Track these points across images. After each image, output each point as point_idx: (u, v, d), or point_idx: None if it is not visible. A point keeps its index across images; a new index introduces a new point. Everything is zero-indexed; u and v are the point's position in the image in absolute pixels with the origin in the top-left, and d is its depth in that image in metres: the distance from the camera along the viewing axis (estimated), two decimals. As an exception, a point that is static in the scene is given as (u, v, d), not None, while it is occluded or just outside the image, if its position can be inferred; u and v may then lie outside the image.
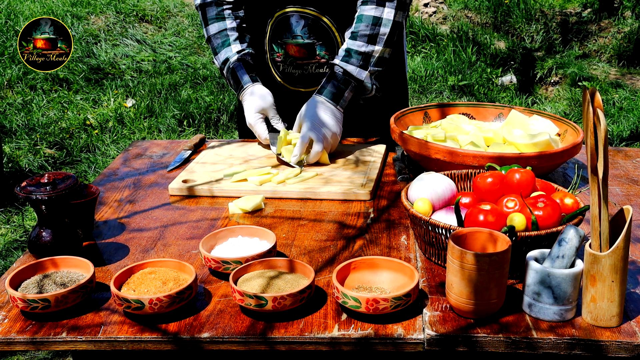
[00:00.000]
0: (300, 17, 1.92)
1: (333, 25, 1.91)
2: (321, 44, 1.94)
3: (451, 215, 1.35)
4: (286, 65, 2.01)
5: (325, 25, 1.90)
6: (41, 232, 1.37)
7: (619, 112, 5.18)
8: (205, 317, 1.20)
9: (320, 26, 1.92)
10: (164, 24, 6.47)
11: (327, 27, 1.90)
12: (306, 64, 1.98)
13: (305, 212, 1.63)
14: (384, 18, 1.85)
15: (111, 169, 1.96)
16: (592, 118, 1.11)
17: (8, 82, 5.35)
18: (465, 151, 1.64)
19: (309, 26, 1.92)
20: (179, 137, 4.85)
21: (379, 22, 1.85)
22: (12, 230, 3.64)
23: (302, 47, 1.96)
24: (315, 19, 1.91)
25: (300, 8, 1.91)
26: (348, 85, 1.88)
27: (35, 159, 4.41)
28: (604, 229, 1.13)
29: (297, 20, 1.93)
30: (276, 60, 2.02)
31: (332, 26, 1.90)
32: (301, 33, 1.94)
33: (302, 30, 1.93)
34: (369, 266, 1.28)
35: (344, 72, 1.88)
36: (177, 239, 1.50)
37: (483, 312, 1.17)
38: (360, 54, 1.87)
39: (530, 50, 6.19)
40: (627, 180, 1.80)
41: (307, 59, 1.97)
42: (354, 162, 1.89)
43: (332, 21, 1.91)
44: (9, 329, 1.19)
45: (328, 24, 1.90)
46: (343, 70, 1.88)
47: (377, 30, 1.86)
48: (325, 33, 1.93)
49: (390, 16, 1.85)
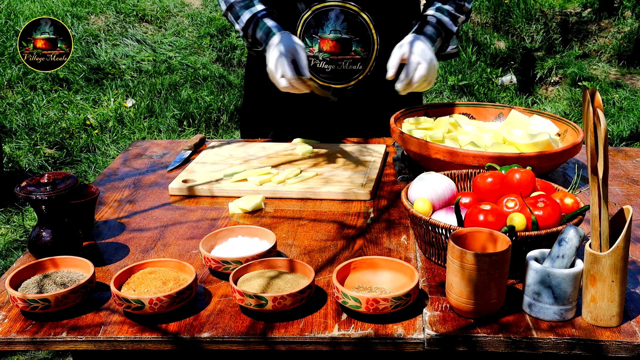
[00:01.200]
0: (341, 11, 1.92)
1: (371, 22, 1.92)
2: (358, 40, 1.95)
3: (451, 215, 1.35)
4: (318, 60, 1.99)
5: (364, 21, 1.91)
6: (41, 232, 1.37)
7: (619, 112, 5.18)
8: (205, 317, 1.20)
9: (358, 22, 1.93)
10: (164, 24, 6.47)
11: (366, 23, 1.92)
12: (340, 59, 1.97)
13: (305, 212, 1.63)
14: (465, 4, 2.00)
15: (111, 169, 1.96)
16: (592, 118, 1.11)
17: (8, 82, 5.35)
18: (465, 151, 1.64)
19: (348, 21, 1.93)
20: (179, 137, 4.85)
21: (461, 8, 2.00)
22: (12, 230, 3.64)
23: (337, 42, 1.95)
24: (354, 14, 1.92)
25: (341, 2, 1.92)
26: (440, 34, 1.95)
27: (35, 159, 4.41)
28: (604, 229, 1.13)
29: (336, 14, 1.93)
30: (308, 55, 1.98)
31: (370, 23, 1.92)
32: (340, 28, 1.93)
33: (340, 25, 1.93)
34: (369, 266, 1.28)
35: (438, 21, 1.96)
36: (177, 239, 1.50)
37: (483, 312, 1.17)
38: (450, 15, 1.97)
39: (530, 50, 6.19)
40: (627, 180, 1.80)
41: (342, 54, 1.96)
42: (354, 162, 1.89)
43: (371, 18, 1.93)
44: (9, 329, 1.19)
45: (367, 20, 1.92)
46: (437, 20, 1.96)
47: (462, 3, 2.00)
48: (362, 29, 1.93)
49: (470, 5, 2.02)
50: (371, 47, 1.97)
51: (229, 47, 6.22)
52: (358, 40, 1.95)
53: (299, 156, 1.94)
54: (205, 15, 6.59)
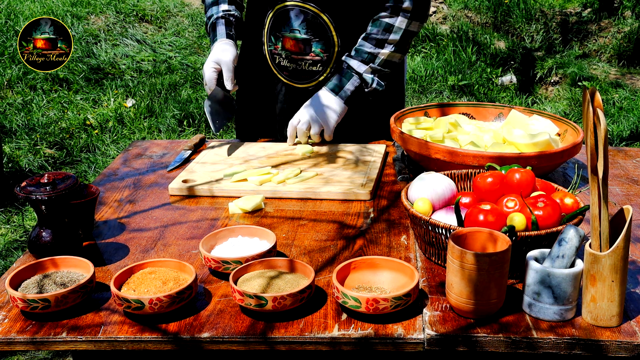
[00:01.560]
0: (300, 11, 1.93)
1: (331, 23, 1.92)
2: (318, 40, 1.95)
3: (451, 215, 1.35)
4: (282, 59, 2.03)
5: (324, 22, 1.92)
6: (41, 232, 1.37)
7: (619, 112, 5.18)
8: (205, 317, 1.20)
9: (318, 23, 1.93)
10: (164, 24, 6.47)
11: (326, 24, 1.92)
12: (300, 59, 1.99)
13: (305, 212, 1.63)
14: (395, 26, 1.92)
15: (111, 169, 1.96)
16: (592, 118, 1.11)
17: (8, 82, 5.35)
18: (465, 151, 1.64)
19: (307, 22, 1.94)
20: (179, 137, 4.85)
21: (390, 29, 1.92)
22: (12, 230, 3.64)
23: (298, 42, 1.97)
24: (314, 15, 1.92)
25: (300, 3, 1.93)
26: (350, 78, 1.94)
27: (35, 159, 4.41)
28: (604, 229, 1.13)
29: (296, 14, 1.94)
30: (273, 52, 2.04)
31: (331, 24, 1.92)
32: (299, 28, 1.95)
33: (300, 25, 1.94)
34: (369, 266, 1.28)
35: (348, 66, 1.95)
36: (177, 239, 1.50)
37: (483, 312, 1.17)
38: (366, 53, 1.94)
39: (530, 50, 6.19)
40: (627, 180, 1.80)
41: (302, 54, 1.98)
42: (354, 162, 1.89)
43: (331, 19, 1.92)
44: (9, 329, 1.19)
45: (327, 22, 1.92)
46: (347, 65, 1.95)
47: (386, 37, 1.92)
48: (322, 30, 1.94)
49: (403, 25, 1.92)
50: (332, 49, 1.97)
51: (229, 47, 6.21)
52: (318, 40, 1.96)
53: (299, 156, 1.94)
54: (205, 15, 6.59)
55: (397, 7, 1.91)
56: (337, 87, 1.96)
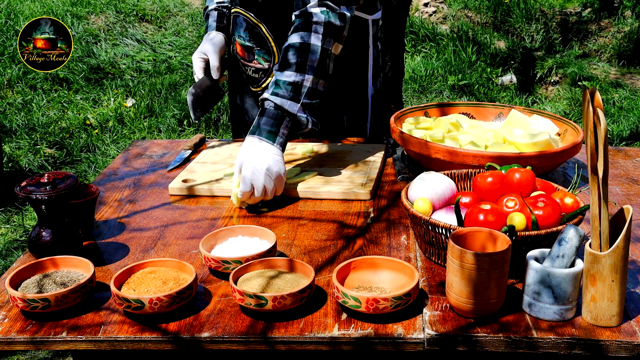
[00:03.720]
0: (243, 19, 1.96)
1: (269, 34, 1.91)
2: (259, 49, 1.96)
3: (451, 214, 1.35)
4: (236, 61, 2.08)
5: (262, 33, 1.92)
6: (41, 232, 1.37)
7: (619, 111, 5.18)
8: (205, 316, 1.20)
9: (257, 32, 1.94)
10: (164, 24, 6.47)
11: (264, 35, 1.92)
12: (246, 65, 2.03)
13: (305, 212, 1.63)
14: (311, 44, 1.68)
15: (111, 169, 1.96)
16: (592, 118, 1.11)
17: (8, 82, 5.35)
18: (465, 151, 1.64)
19: (249, 30, 1.95)
20: (179, 137, 4.85)
21: (306, 48, 1.68)
22: (12, 230, 3.64)
23: (243, 48, 2.00)
24: (253, 24, 1.93)
25: (242, 11, 1.95)
26: (282, 120, 1.67)
27: (35, 158, 4.41)
28: (604, 229, 1.13)
29: (241, 22, 1.97)
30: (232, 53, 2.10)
31: (269, 36, 1.91)
32: (243, 35, 1.97)
33: (244, 32, 1.97)
34: (369, 266, 1.28)
35: (275, 106, 1.67)
36: (177, 239, 1.50)
37: (483, 312, 1.17)
38: (290, 85, 1.67)
39: (530, 50, 6.19)
40: (627, 180, 1.80)
41: (247, 60, 2.01)
42: (354, 162, 1.89)
43: (269, 30, 1.92)
44: (9, 328, 1.19)
45: (265, 33, 1.91)
46: (274, 105, 1.67)
47: (304, 58, 1.68)
48: (262, 40, 1.94)
49: (319, 42, 1.68)
50: (273, 59, 1.95)
51: (229, 47, 6.22)
52: (260, 49, 1.96)
53: (299, 156, 1.94)
54: None
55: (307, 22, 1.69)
56: (272, 134, 1.65)
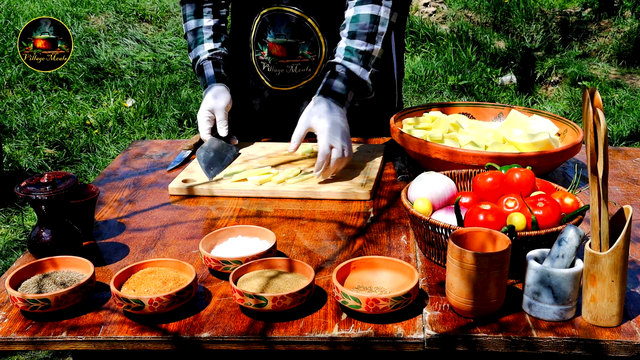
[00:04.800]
0: (284, 16, 1.93)
1: (317, 25, 1.91)
2: (304, 43, 1.95)
3: (451, 215, 1.35)
4: (269, 65, 2.02)
5: (309, 25, 1.91)
6: (41, 232, 1.37)
7: (619, 111, 5.18)
8: (205, 316, 1.20)
9: (304, 26, 1.92)
10: (164, 24, 6.47)
11: (311, 27, 1.91)
12: (288, 63, 1.99)
13: (305, 212, 1.63)
14: (381, 17, 1.81)
15: (111, 169, 1.96)
16: (592, 117, 1.11)
17: (8, 82, 5.35)
18: (465, 151, 1.64)
19: (292, 26, 1.93)
20: (179, 137, 4.85)
21: (377, 20, 1.81)
22: (12, 230, 3.64)
23: (283, 47, 1.96)
24: (299, 19, 1.91)
25: (285, 7, 1.92)
26: (351, 86, 1.80)
27: (35, 159, 4.41)
28: (604, 229, 1.13)
29: (280, 19, 1.94)
30: (260, 59, 2.03)
31: (316, 26, 1.91)
32: (284, 32, 1.94)
33: (285, 30, 1.94)
34: (369, 266, 1.28)
35: (347, 71, 1.79)
36: (177, 239, 1.50)
37: (483, 312, 1.17)
38: (361, 53, 1.80)
39: (530, 50, 6.19)
40: (627, 180, 1.80)
41: (289, 57, 1.98)
42: (354, 162, 1.89)
43: (316, 22, 1.91)
44: (8, 328, 1.19)
45: (312, 25, 1.90)
46: (346, 70, 1.80)
47: (375, 29, 1.81)
48: (308, 33, 1.93)
49: (387, 16, 1.81)
50: (319, 50, 1.96)
51: (229, 47, 6.22)
52: (304, 43, 1.95)
53: (299, 156, 1.94)
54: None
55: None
56: (342, 98, 1.78)
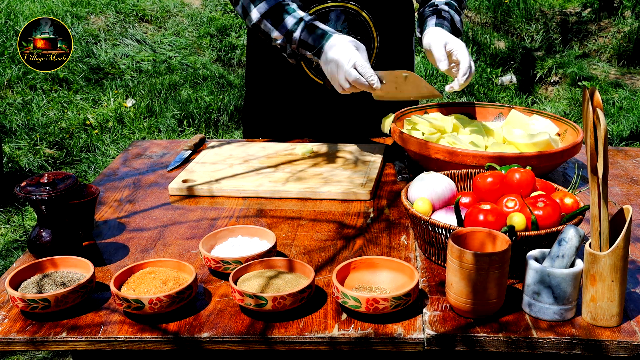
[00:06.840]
0: (341, 11, 1.94)
1: (371, 20, 1.95)
2: (359, 38, 1.95)
3: (451, 215, 1.35)
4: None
5: (364, 20, 1.94)
6: (41, 232, 1.37)
7: (619, 111, 5.18)
8: (205, 317, 1.20)
9: (359, 21, 1.95)
10: (164, 24, 6.47)
11: (366, 22, 1.94)
12: None
13: (305, 212, 1.63)
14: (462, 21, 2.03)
15: (111, 169, 1.96)
16: (591, 117, 1.11)
17: (8, 82, 5.35)
18: (465, 151, 1.64)
19: (348, 21, 1.94)
20: (179, 137, 4.86)
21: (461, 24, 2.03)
22: (12, 230, 3.64)
23: None
24: (355, 13, 1.94)
25: (341, 2, 1.93)
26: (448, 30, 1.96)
27: (35, 159, 4.41)
28: (604, 229, 1.13)
29: (337, 15, 1.94)
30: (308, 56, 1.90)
31: (370, 21, 1.95)
32: (340, 28, 1.94)
33: (341, 25, 1.94)
34: (369, 266, 1.28)
35: (451, 20, 1.98)
36: (177, 239, 1.50)
37: (483, 312, 1.17)
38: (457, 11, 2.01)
39: (530, 50, 6.19)
40: (627, 180, 1.80)
41: None
42: (354, 162, 1.89)
43: (371, 17, 1.95)
44: (8, 328, 1.19)
45: (367, 19, 1.94)
46: (450, 18, 1.98)
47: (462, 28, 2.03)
48: (363, 28, 1.95)
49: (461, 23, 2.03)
50: (372, 46, 1.98)
51: (228, 47, 6.23)
52: (359, 38, 1.95)
53: (299, 156, 1.94)
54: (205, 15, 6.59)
55: None
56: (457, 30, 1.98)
